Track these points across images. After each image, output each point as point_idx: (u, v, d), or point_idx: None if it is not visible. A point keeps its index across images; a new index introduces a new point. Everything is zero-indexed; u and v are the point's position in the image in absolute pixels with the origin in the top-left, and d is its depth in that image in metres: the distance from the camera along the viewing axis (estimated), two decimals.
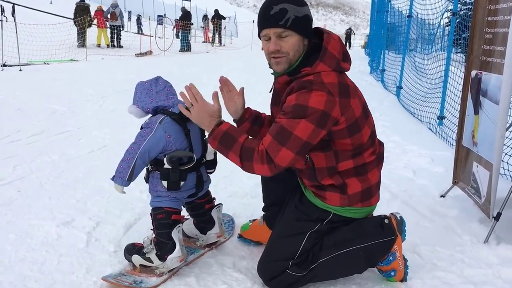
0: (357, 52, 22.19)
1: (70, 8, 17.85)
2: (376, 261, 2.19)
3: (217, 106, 2.13)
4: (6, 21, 10.63)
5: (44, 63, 11.84)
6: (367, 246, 2.12)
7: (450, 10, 6.62)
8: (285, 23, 1.94)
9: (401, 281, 2.26)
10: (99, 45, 17.16)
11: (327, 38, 2.00)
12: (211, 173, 2.47)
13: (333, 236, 2.14)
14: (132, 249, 2.30)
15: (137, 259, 2.25)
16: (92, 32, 16.65)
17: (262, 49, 2.11)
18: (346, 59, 2.04)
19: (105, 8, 17.91)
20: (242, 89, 2.30)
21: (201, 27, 21.31)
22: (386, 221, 2.18)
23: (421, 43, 8.95)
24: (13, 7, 10.82)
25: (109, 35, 17.72)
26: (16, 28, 10.61)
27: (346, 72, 2.08)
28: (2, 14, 10.38)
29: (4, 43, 10.46)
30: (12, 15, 10.67)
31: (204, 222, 2.51)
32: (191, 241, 2.57)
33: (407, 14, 8.65)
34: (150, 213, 2.30)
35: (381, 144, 2.25)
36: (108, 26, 17.44)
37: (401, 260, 2.20)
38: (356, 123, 2.00)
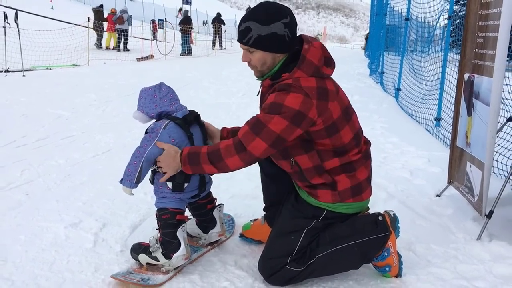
0: (357, 54, 22.31)
1: (71, 13, 18.07)
2: (371, 257, 2.29)
3: (166, 146, 2.26)
4: (9, 27, 10.74)
5: (47, 68, 11.96)
6: (362, 242, 2.22)
7: (448, 11, 6.69)
8: (247, 41, 2.10)
9: (396, 276, 2.35)
10: (107, 48, 18.27)
11: (307, 47, 2.11)
12: (212, 174, 2.57)
13: (329, 232, 2.25)
14: (139, 249, 2.39)
15: (143, 257, 2.35)
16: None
17: None
18: (329, 64, 2.16)
19: (120, 13, 18.82)
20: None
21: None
22: (380, 218, 2.29)
23: (421, 45, 9.04)
24: (16, 13, 10.94)
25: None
26: (19, 34, 10.73)
27: (336, 75, 2.20)
28: (5, 20, 10.50)
29: (7, 49, 10.58)
30: (15, 21, 10.78)
31: (206, 221, 2.61)
32: (194, 240, 2.67)
33: (405, 17, 8.74)
34: (156, 214, 2.39)
35: (367, 142, 2.36)
36: (115, 30, 18.38)
37: (395, 256, 2.30)
38: (334, 125, 2.11)
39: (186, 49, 19.53)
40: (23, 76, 10.01)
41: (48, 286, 2.21)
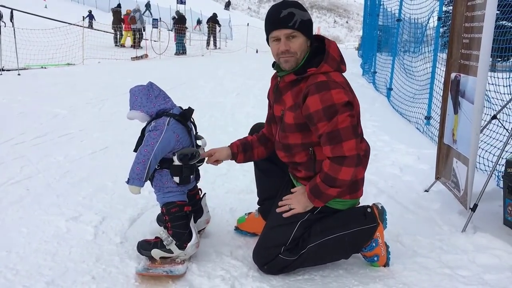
0: (350, 54, 22.46)
1: (65, 13, 18.09)
2: (360, 247, 2.42)
3: (301, 190, 2.35)
4: (5, 26, 10.78)
5: (41, 67, 12.01)
6: (351, 233, 2.34)
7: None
8: (294, 25, 2.19)
9: (384, 266, 2.48)
10: (123, 45, 19.62)
11: (328, 42, 2.28)
12: (199, 166, 2.66)
13: (320, 224, 2.36)
14: (148, 245, 2.44)
15: (157, 252, 2.40)
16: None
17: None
18: (343, 62, 2.31)
19: (132, 13, 19.96)
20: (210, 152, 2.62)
21: (169, 30, 22.59)
22: (368, 210, 2.41)
23: (413, 46, 9.19)
24: (11, 12, 10.97)
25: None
26: (14, 33, 10.76)
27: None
28: (0, 19, 10.52)
29: (2, 48, 10.61)
30: (11, 21, 10.81)
31: (196, 211, 2.68)
32: None
33: (397, 18, 8.89)
34: (162, 209, 2.46)
35: (365, 141, 2.49)
36: (131, 28, 19.65)
37: (383, 246, 2.43)
38: (358, 117, 2.27)
39: (181, 49, 19.62)
40: (18, 75, 10.06)
41: (51, 275, 2.30)
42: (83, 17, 15.89)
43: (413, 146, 5.09)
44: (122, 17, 20.37)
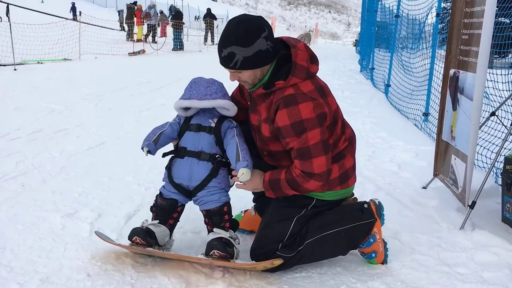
0: (348, 50, 22.44)
1: (61, 7, 17.96)
2: (358, 243, 2.40)
3: (256, 172, 2.32)
4: (1, 21, 10.71)
5: (38, 62, 11.93)
6: (348, 228, 2.33)
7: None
8: (234, 65, 2.14)
9: (382, 263, 2.46)
10: (139, 40, 19.32)
11: (295, 52, 2.16)
12: None
13: (317, 219, 2.35)
14: (230, 243, 2.27)
15: (236, 251, 2.30)
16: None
17: None
18: (314, 61, 2.23)
19: (144, 8, 20.43)
20: None
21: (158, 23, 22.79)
22: (365, 205, 2.40)
23: (412, 42, 9.17)
24: (7, 7, 10.90)
25: (145, 32, 19.83)
26: (10, 28, 10.69)
27: (328, 71, 2.33)
28: None
29: None
30: (7, 15, 10.75)
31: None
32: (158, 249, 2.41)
33: (395, 14, 8.87)
34: (223, 208, 2.35)
35: (349, 127, 2.44)
36: (144, 23, 19.85)
37: (381, 243, 2.41)
38: (334, 118, 2.23)
39: (178, 44, 19.57)
40: (15, 70, 9.99)
41: (46, 272, 2.27)
42: (80, 12, 15.74)
43: (411, 143, 5.08)
44: (135, 12, 20.56)
